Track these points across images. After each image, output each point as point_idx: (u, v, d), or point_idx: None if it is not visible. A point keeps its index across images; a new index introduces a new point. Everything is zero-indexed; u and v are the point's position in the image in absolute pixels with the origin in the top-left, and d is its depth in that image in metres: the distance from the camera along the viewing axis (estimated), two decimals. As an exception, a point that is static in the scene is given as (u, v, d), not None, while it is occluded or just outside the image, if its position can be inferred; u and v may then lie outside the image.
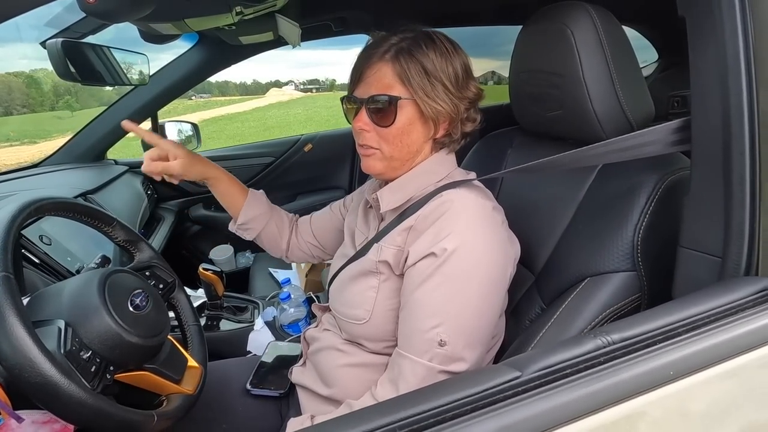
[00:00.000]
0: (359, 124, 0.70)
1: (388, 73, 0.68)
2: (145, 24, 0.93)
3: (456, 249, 0.61)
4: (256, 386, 0.88)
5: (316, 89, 39.06)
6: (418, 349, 0.62)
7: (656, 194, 0.61)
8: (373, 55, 0.69)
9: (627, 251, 0.61)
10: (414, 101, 0.68)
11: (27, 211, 0.61)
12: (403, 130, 0.69)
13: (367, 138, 0.70)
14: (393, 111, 0.67)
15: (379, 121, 0.69)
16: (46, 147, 13.15)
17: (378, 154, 0.71)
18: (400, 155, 0.71)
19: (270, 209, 0.96)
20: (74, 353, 0.56)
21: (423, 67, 0.66)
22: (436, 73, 0.67)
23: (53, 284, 0.70)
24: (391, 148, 0.70)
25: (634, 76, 0.71)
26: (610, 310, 0.60)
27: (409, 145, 0.70)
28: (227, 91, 43.31)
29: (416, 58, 0.66)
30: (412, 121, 0.69)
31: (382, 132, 0.69)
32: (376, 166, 0.72)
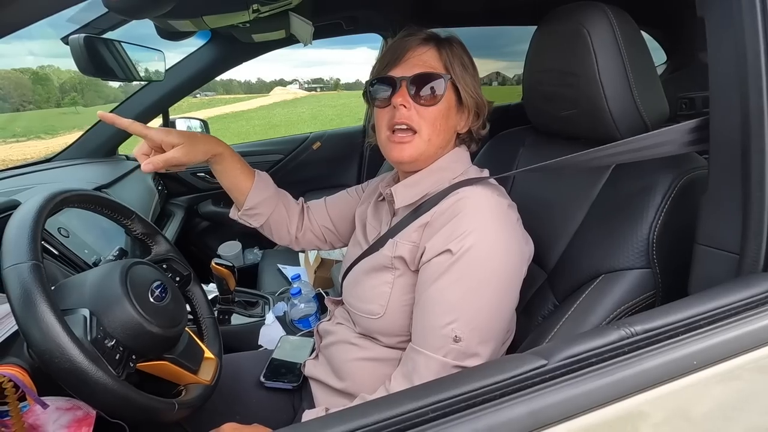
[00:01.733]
0: (399, 99, 0.68)
1: (433, 55, 0.71)
2: (163, 21, 0.94)
3: (472, 246, 0.62)
4: (270, 379, 0.89)
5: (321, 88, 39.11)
6: (432, 344, 0.63)
7: (672, 193, 0.62)
8: (414, 40, 0.72)
9: (642, 249, 0.61)
10: (454, 86, 0.71)
11: (54, 202, 0.63)
12: (443, 113, 0.71)
13: (406, 116, 0.69)
14: (440, 90, 0.69)
15: (423, 100, 0.69)
16: (53, 143, 13.23)
17: (416, 140, 0.70)
18: (437, 140, 0.71)
19: (277, 192, 0.92)
20: (99, 341, 0.58)
21: (462, 60, 0.71)
22: (467, 63, 0.72)
23: (75, 275, 0.71)
24: (431, 131, 0.70)
25: (649, 76, 0.72)
26: (624, 307, 0.61)
27: (446, 131, 0.72)
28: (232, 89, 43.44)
29: (455, 50, 0.72)
30: (451, 105, 0.72)
31: (425, 111, 0.69)
32: (412, 153, 0.70)
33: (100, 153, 1.67)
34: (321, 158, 2.07)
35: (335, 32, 1.68)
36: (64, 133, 15.80)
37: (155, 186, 1.69)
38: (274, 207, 0.90)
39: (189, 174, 1.89)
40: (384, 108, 0.72)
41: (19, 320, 0.50)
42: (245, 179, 0.85)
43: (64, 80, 27.54)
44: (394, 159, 0.73)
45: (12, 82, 24.60)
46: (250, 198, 0.86)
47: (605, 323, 0.60)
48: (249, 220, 0.90)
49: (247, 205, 0.87)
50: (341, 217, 0.96)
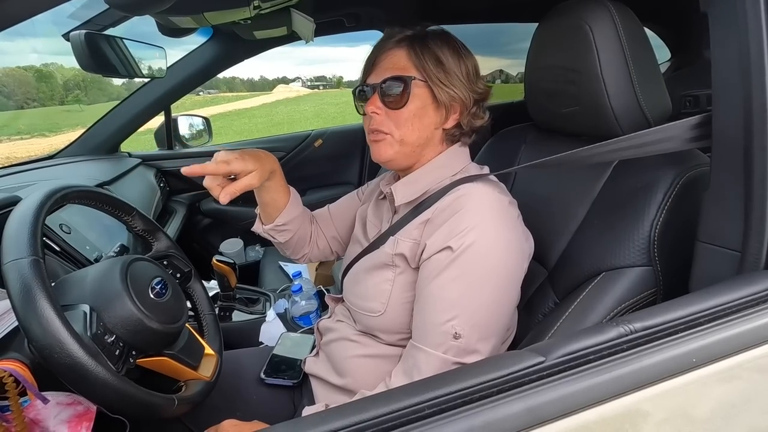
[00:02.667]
0: (371, 107, 0.70)
1: (402, 57, 0.70)
2: (164, 17, 0.94)
3: (473, 243, 0.62)
4: (270, 375, 0.89)
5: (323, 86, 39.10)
6: (432, 341, 0.62)
7: (674, 190, 0.61)
8: (387, 43, 0.72)
9: (643, 246, 0.61)
10: (427, 84, 0.69)
11: (54, 198, 0.63)
12: (415, 113, 0.70)
13: (378, 122, 0.71)
14: (406, 92, 0.69)
15: (391, 104, 0.70)
16: (56, 141, 13.27)
17: (388, 139, 0.71)
18: (411, 140, 0.71)
19: (304, 210, 0.92)
20: (99, 336, 0.58)
21: (436, 56, 0.69)
22: (448, 65, 0.69)
23: (76, 271, 0.71)
24: (402, 132, 0.70)
25: (652, 73, 0.71)
26: (625, 305, 0.60)
27: (420, 130, 0.71)
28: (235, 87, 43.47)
29: (430, 48, 0.69)
30: (425, 104, 0.70)
31: (394, 115, 0.70)
32: (387, 152, 0.71)
33: (102, 150, 1.68)
34: (323, 156, 2.07)
35: (337, 29, 1.68)
36: (68, 130, 15.84)
37: (157, 183, 1.69)
38: (300, 224, 0.90)
39: (191, 171, 1.88)
40: (365, 115, 0.73)
41: (19, 315, 0.51)
42: (284, 195, 0.85)
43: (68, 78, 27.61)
44: (375, 158, 0.74)
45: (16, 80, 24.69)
46: (284, 214, 0.86)
47: (605, 321, 0.60)
48: (276, 235, 0.89)
49: (280, 221, 0.86)
50: (346, 224, 0.95)
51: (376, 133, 0.72)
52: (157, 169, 1.79)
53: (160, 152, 1.87)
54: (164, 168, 1.83)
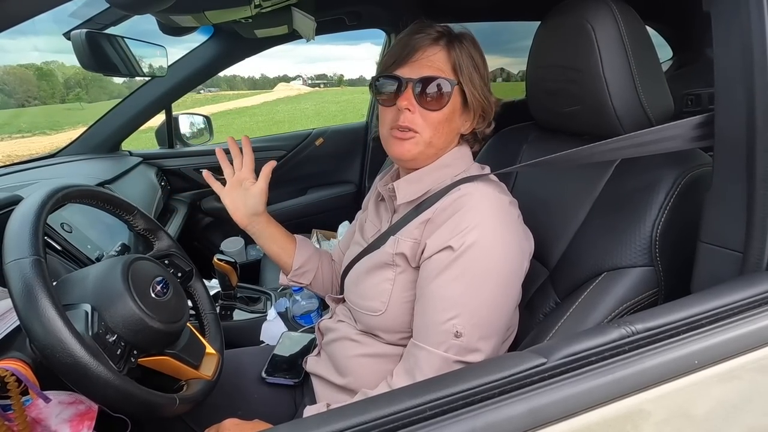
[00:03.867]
0: (405, 102, 0.68)
1: (442, 57, 0.70)
2: (165, 16, 0.94)
3: (473, 243, 0.62)
4: (271, 374, 0.89)
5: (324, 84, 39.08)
6: (434, 340, 0.63)
7: (676, 190, 0.61)
8: (424, 38, 0.70)
9: (645, 246, 0.61)
10: (461, 89, 0.70)
11: (56, 197, 0.63)
12: (448, 117, 0.70)
13: (410, 119, 0.69)
14: (447, 95, 0.69)
15: (428, 104, 0.69)
16: (58, 139, 13.29)
17: (417, 138, 0.70)
18: (438, 143, 0.71)
19: (318, 249, 0.96)
20: (101, 336, 0.58)
21: (473, 60, 0.70)
22: (480, 66, 0.71)
23: (77, 270, 0.71)
24: (433, 134, 0.70)
25: (654, 72, 0.71)
26: (626, 305, 0.60)
27: (448, 134, 0.72)
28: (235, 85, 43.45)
29: (466, 47, 0.70)
30: (456, 109, 0.71)
31: (429, 116, 0.69)
32: (412, 151, 0.70)
33: (103, 149, 1.68)
34: (324, 154, 2.07)
35: (338, 28, 1.67)
36: (69, 128, 15.84)
37: (158, 182, 1.69)
38: (318, 262, 0.94)
39: (192, 170, 1.89)
40: (389, 107, 0.72)
41: (21, 315, 0.51)
42: (289, 242, 0.92)
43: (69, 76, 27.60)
44: (395, 155, 0.73)
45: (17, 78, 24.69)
46: (297, 258, 0.91)
47: (607, 321, 0.60)
48: (299, 279, 0.94)
49: (296, 265, 0.91)
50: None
51: (404, 131, 0.70)
52: (158, 167, 1.79)
53: (161, 151, 1.87)
54: (165, 167, 1.83)
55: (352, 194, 2.15)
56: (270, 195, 2.29)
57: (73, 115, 19.67)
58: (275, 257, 0.93)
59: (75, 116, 19.06)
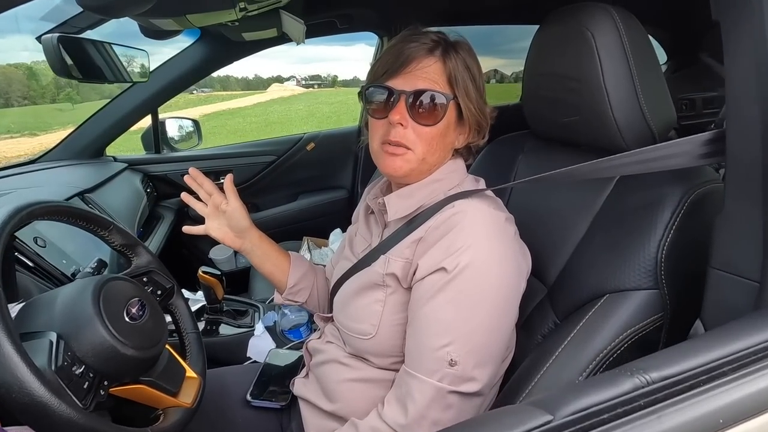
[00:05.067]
0: (397, 117, 0.64)
1: (437, 69, 0.65)
2: (145, 19, 0.90)
3: (468, 264, 0.58)
4: (257, 397, 0.85)
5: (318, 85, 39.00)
6: (427, 368, 0.59)
7: (682, 209, 0.58)
8: (419, 48, 0.65)
9: (650, 268, 0.58)
10: (456, 103, 0.66)
11: (18, 217, 0.58)
12: (442, 132, 0.66)
13: (401, 134, 0.64)
14: (442, 110, 0.65)
15: (422, 119, 0.64)
16: (47, 139, 13.11)
17: (409, 155, 0.65)
18: (432, 159, 0.67)
19: (312, 266, 0.92)
20: (66, 369, 0.53)
21: (470, 72, 0.66)
22: (475, 75, 0.66)
23: (45, 292, 0.67)
24: (426, 150, 0.66)
25: (656, 82, 0.68)
26: (631, 330, 0.57)
27: (443, 149, 0.68)
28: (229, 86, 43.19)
29: (462, 57, 0.66)
30: (450, 123, 0.67)
31: (422, 131, 0.65)
32: (403, 167, 0.66)
33: (86, 154, 1.62)
34: (315, 159, 2.03)
35: (330, 31, 1.63)
36: (59, 128, 15.65)
37: (144, 188, 1.64)
38: (313, 279, 0.91)
39: (180, 176, 1.83)
40: (379, 119, 0.67)
41: (-27, 351, 0.46)
42: (283, 260, 0.88)
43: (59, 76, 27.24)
44: (386, 172, 0.69)
45: (5, 77, 24.35)
46: (291, 275, 0.87)
47: (610, 348, 0.57)
48: (294, 298, 0.90)
49: (291, 283, 0.88)
50: None
51: (396, 146, 0.65)
52: (144, 173, 1.74)
53: (147, 156, 1.82)
54: (151, 172, 1.77)
55: (344, 200, 2.11)
56: (260, 201, 2.25)
57: (62, 115, 19.42)
58: (269, 276, 0.89)
59: (65, 116, 18.82)
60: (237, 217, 0.82)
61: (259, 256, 0.86)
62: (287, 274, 0.88)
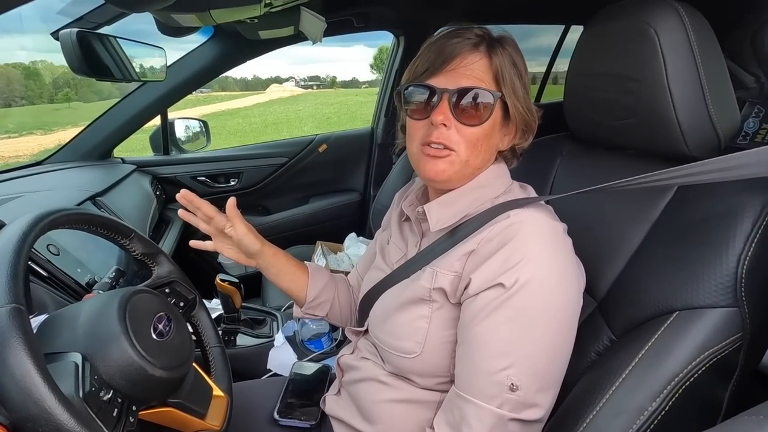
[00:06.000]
0: (440, 117, 0.60)
1: (483, 66, 0.61)
2: (166, 15, 0.85)
3: (529, 280, 0.54)
4: (285, 416, 0.80)
5: (317, 86, 39.00)
6: (485, 393, 0.54)
7: (763, 220, 0.53)
8: (463, 44, 0.61)
9: (728, 284, 0.53)
10: (503, 101, 0.61)
11: (39, 227, 0.53)
12: (487, 133, 0.62)
13: (445, 135, 0.60)
14: (488, 109, 0.60)
15: (467, 119, 0.60)
16: (45, 140, 13.03)
17: (453, 157, 0.61)
18: (476, 162, 0.63)
19: (332, 277, 0.88)
20: (93, 395, 0.48)
21: (513, 63, 0.61)
22: (521, 72, 0.62)
23: (65, 308, 0.62)
24: (470, 152, 0.62)
25: (723, 84, 0.63)
26: (709, 353, 0.52)
27: (487, 151, 0.64)
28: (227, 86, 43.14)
29: (508, 53, 0.61)
30: (496, 123, 0.63)
31: (467, 131, 0.61)
32: (447, 171, 0.62)
33: (94, 155, 1.57)
34: (327, 161, 1.98)
35: (345, 29, 1.59)
36: (58, 129, 15.58)
37: (153, 191, 1.59)
38: (334, 292, 0.87)
39: (189, 178, 1.79)
40: (419, 120, 0.63)
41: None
42: (301, 274, 0.84)
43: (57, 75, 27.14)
44: (427, 176, 0.64)
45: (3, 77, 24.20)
46: (310, 290, 0.84)
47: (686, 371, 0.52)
48: (314, 312, 0.87)
49: (310, 297, 0.84)
50: None
51: (438, 148, 0.61)
52: (153, 175, 1.69)
53: (155, 158, 1.77)
54: (160, 174, 1.73)
55: (357, 203, 2.07)
56: (270, 203, 2.20)
57: (62, 115, 19.35)
58: (286, 291, 0.84)
59: (64, 116, 18.75)
60: (246, 243, 0.77)
61: (275, 273, 0.82)
62: (305, 287, 0.84)
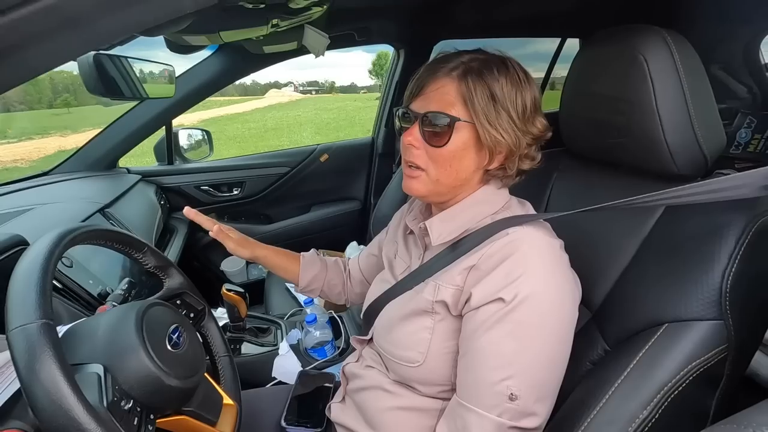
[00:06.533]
0: (409, 138, 0.65)
1: (451, 90, 0.63)
2: (178, 36, 0.88)
3: (528, 295, 0.57)
4: (292, 423, 0.83)
5: (316, 91, 39.10)
6: (485, 402, 0.57)
7: (746, 238, 0.56)
8: (439, 69, 0.64)
9: (713, 298, 0.56)
10: (473, 126, 0.63)
11: (63, 244, 0.57)
12: (455, 154, 0.64)
13: (415, 155, 0.66)
14: (448, 132, 0.63)
15: (431, 140, 0.64)
16: (44, 145, 13.02)
17: (423, 177, 0.66)
18: (447, 181, 0.66)
19: (324, 265, 0.99)
20: (116, 404, 0.51)
21: (491, 91, 0.61)
22: (503, 101, 0.62)
23: (82, 320, 0.65)
24: (439, 172, 0.65)
25: (709, 107, 0.67)
26: (695, 363, 0.55)
27: (458, 172, 0.66)
28: (226, 91, 43.21)
29: (485, 80, 0.61)
30: (467, 146, 0.64)
31: (433, 152, 0.64)
32: (420, 189, 0.67)
33: (99, 166, 1.60)
34: (329, 170, 2.02)
35: (347, 43, 1.62)
36: (56, 134, 15.59)
37: (158, 200, 1.62)
38: (324, 280, 0.99)
39: (192, 187, 1.82)
40: (404, 140, 0.67)
41: (27, 391, 0.44)
42: (294, 267, 0.97)
43: (57, 81, 27.17)
44: (406, 192, 0.69)
45: (3, 82, 24.19)
46: (301, 279, 0.97)
47: (675, 380, 0.55)
48: (309, 294, 1.01)
49: (302, 285, 0.97)
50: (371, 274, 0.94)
51: (411, 168, 0.67)
52: (157, 185, 1.72)
53: (159, 168, 1.80)
54: (164, 184, 1.76)
55: (357, 211, 2.10)
56: (273, 212, 2.23)
57: (60, 120, 19.34)
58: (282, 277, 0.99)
59: (63, 121, 18.74)
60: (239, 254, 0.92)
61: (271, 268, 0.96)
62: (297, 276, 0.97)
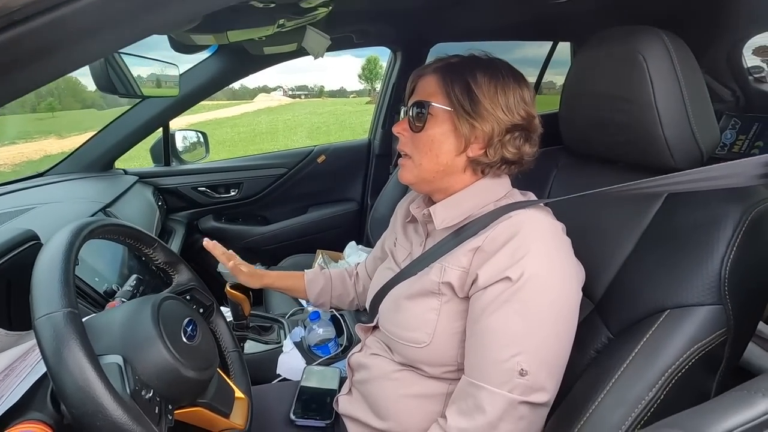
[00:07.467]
0: (398, 128, 0.74)
1: (432, 82, 0.70)
2: (184, 35, 0.89)
3: (534, 273, 0.59)
4: (300, 416, 0.83)
5: (305, 95, 39.03)
6: (496, 379, 0.59)
7: (743, 226, 0.59)
8: (428, 68, 0.73)
9: (713, 284, 0.59)
10: (451, 113, 0.68)
11: (82, 236, 0.57)
12: (433, 139, 0.69)
13: (403, 143, 0.73)
14: (423, 116, 0.69)
15: (414, 126, 0.71)
16: (28, 150, 12.78)
17: (409, 163, 0.73)
18: (430, 166, 0.71)
19: (328, 279, 1.04)
20: (137, 393, 0.52)
21: (467, 85, 0.67)
22: (479, 94, 0.67)
23: (98, 314, 0.65)
24: (421, 156, 0.71)
25: (704, 104, 0.70)
26: (697, 346, 0.58)
27: (438, 156, 0.70)
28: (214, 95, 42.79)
29: (463, 75, 0.68)
30: (446, 132, 0.69)
31: (415, 138, 0.71)
32: (407, 176, 0.74)
33: (96, 167, 1.59)
34: (326, 171, 2.03)
35: (345, 45, 1.65)
36: (39, 138, 15.31)
37: (155, 201, 1.62)
38: (330, 292, 1.03)
39: (190, 188, 1.81)
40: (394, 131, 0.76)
41: (55, 378, 0.45)
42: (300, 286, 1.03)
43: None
44: (399, 181, 0.77)
45: (-16, 86, 23.68)
46: (309, 295, 1.02)
47: (678, 363, 0.57)
48: (320, 308, 1.08)
49: (311, 300, 1.03)
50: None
51: (401, 157, 0.75)
52: (155, 186, 1.72)
53: (156, 169, 1.80)
54: (161, 185, 1.75)
55: (355, 212, 2.11)
56: (270, 213, 2.23)
57: (44, 124, 19.01)
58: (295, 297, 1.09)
59: (46, 126, 18.42)
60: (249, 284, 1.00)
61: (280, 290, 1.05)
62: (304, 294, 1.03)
